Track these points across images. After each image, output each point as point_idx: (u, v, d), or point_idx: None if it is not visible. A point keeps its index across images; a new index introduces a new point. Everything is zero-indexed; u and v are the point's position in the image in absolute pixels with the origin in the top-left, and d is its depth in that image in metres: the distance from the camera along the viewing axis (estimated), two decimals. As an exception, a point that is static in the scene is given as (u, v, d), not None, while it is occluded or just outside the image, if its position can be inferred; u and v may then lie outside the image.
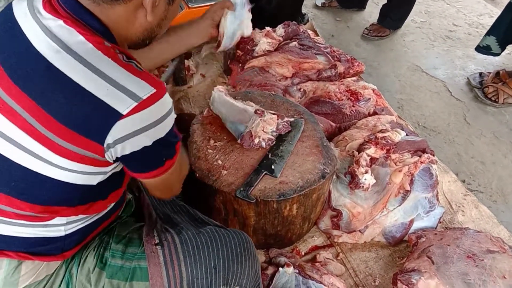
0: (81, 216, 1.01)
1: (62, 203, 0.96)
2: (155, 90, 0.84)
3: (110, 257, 1.06)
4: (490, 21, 3.36)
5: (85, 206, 1.00)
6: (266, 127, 1.54)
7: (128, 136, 0.84)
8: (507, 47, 2.70)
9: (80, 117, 0.82)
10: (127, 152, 0.87)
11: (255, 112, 1.53)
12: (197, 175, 1.48)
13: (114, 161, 0.91)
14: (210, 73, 2.60)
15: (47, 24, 0.85)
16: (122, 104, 0.81)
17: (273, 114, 1.57)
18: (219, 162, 1.52)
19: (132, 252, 1.08)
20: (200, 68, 2.62)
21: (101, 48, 0.85)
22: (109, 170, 0.96)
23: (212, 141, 1.59)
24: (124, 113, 0.81)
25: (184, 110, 2.34)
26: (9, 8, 0.91)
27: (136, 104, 0.82)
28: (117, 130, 0.82)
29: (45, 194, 0.93)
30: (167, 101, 0.89)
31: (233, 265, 1.08)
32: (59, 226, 0.98)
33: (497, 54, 2.69)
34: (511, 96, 2.61)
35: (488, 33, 2.66)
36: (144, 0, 0.89)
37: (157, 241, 1.08)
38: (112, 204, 1.12)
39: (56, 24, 0.85)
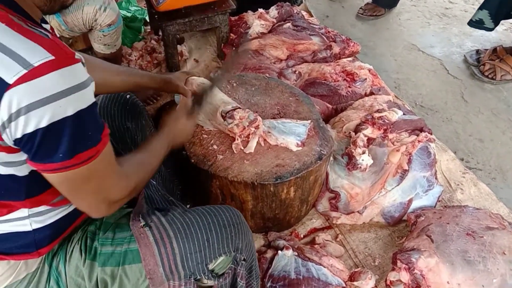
0: (44, 208, 0.94)
1: (8, 196, 0.88)
2: (53, 57, 0.72)
3: (100, 246, 1.04)
4: (486, -3, 3.32)
5: (35, 198, 0.91)
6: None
7: (20, 112, 0.71)
8: (503, 22, 2.65)
9: None
10: (19, 134, 0.74)
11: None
12: (193, 160, 1.46)
13: (16, 145, 0.78)
14: (204, 58, 2.56)
15: None
16: (8, 72, 0.70)
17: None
18: (215, 147, 1.50)
19: (121, 237, 1.05)
20: (194, 53, 2.59)
21: None
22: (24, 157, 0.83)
23: (206, 126, 1.58)
24: (11, 82, 0.70)
25: (179, 96, 2.32)
26: None
27: (25, 71, 0.70)
28: (6, 104, 0.71)
29: None
30: (73, 74, 0.75)
31: (226, 234, 1.06)
32: (22, 220, 0.92)
33: (490, 29, 2.64)
34: (509, 73, 2.58)
35: (481, 7, 2.61)
36: None
37: (142, 223, 1.05)
38: None
39: None
